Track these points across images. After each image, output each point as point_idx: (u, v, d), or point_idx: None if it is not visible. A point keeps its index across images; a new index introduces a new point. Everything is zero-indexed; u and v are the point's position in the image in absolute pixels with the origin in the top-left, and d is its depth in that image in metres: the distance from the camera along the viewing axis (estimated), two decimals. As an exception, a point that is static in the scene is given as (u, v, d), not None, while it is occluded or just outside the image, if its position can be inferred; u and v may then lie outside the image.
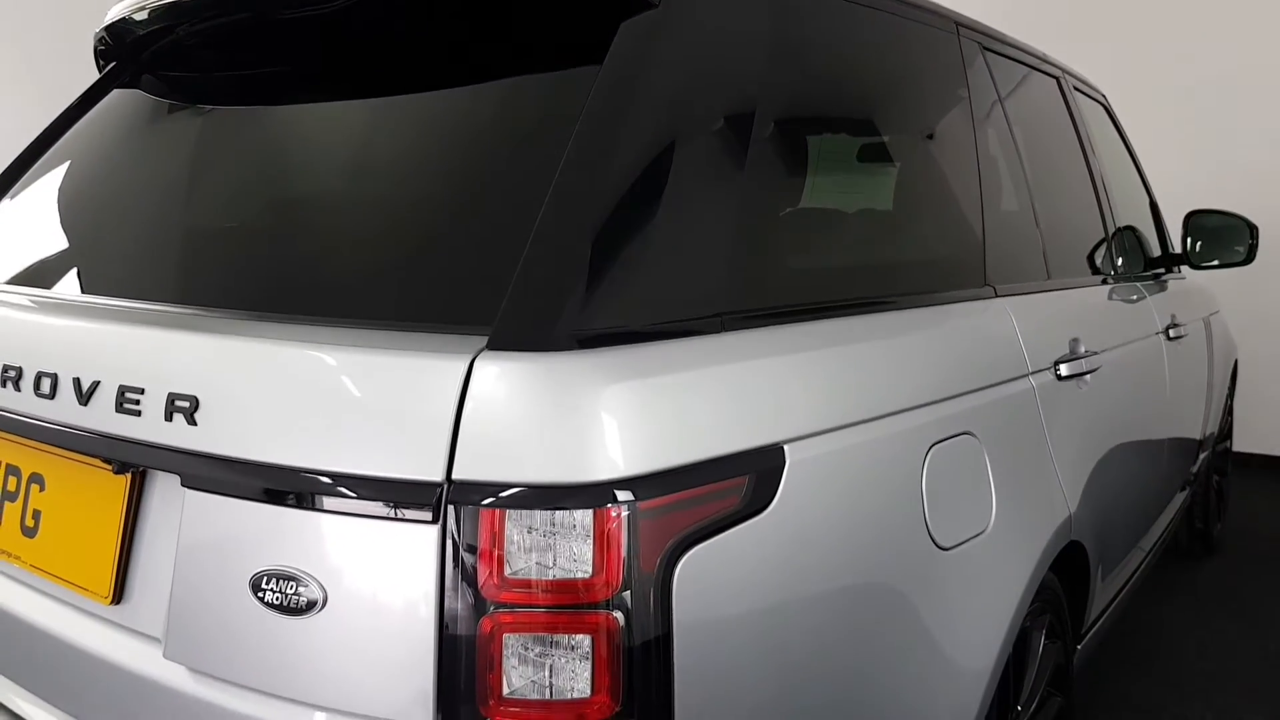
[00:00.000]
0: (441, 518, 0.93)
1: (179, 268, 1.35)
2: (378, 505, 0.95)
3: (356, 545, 0.96)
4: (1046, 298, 1.86)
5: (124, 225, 1.44)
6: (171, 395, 1.04)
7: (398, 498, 0.94)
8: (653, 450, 0.96)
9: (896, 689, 1.21)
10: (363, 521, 0.95)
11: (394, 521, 0.94)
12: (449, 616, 0.94)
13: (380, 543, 0.95)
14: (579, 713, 0.94)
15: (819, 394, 1.16)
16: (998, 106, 1.93)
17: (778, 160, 1.29)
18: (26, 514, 1.25)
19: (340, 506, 0.96)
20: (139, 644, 1.12)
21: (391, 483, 0.94)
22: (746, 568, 1.02)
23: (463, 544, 0.93)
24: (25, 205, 1.60)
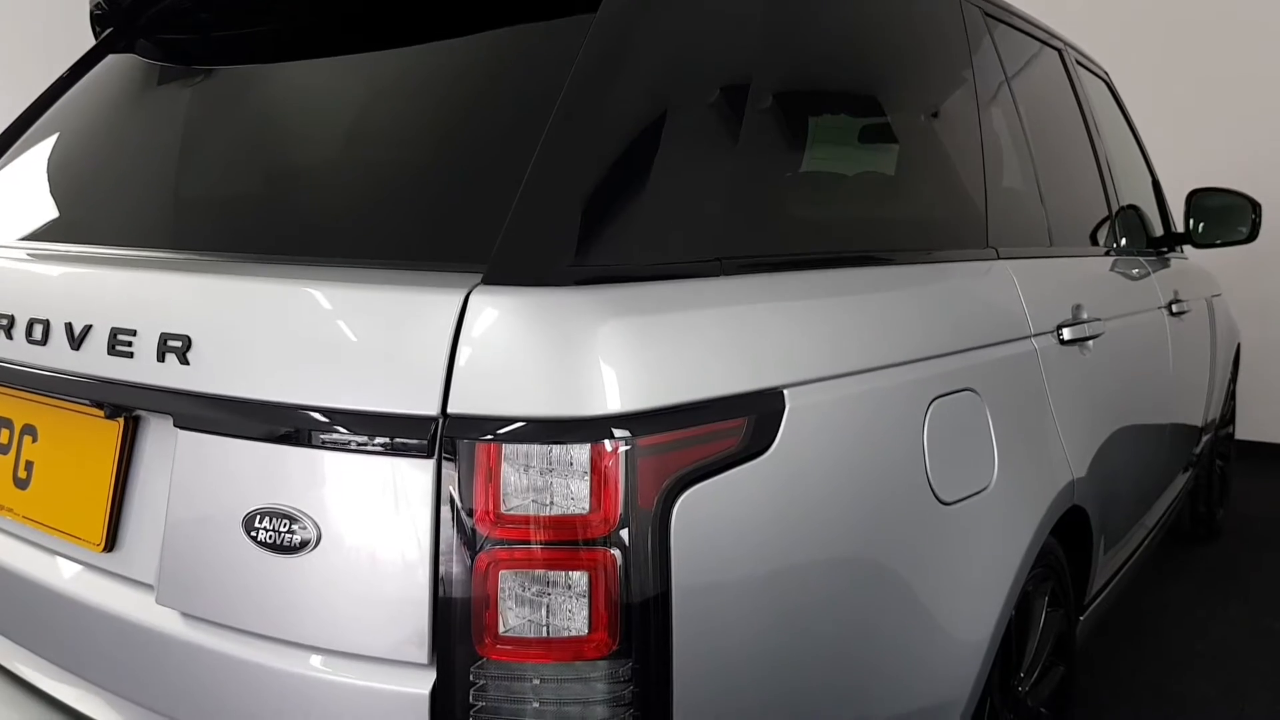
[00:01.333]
0: (437, 453, 0.92)
1: (171, 217, 1.34)
2: (372, 441, 0.93)
3: (351, 482, 0.94)
4: (1049, 263, 1.85)
5: (116, 181, 1.43)
6: (164, 335, 1.03)
7: (392, 433, 0.92)
8: (650, 387, 0.95)
9: (897, 640, 1.20)
10: (357, 458, 0.94)
11: (389, 457, 0.93)
12: (445, 554, 0.93)
13: (375, 479, 0.94)
14: (576, 650, 0.93)
15: (819, 341, 1.15)
16: (1000, 74, 1.92)
17: (779, 112, 1.28)
18: (19, 466, 1.24)
19: (334, 443, 0.95)
20: (131, 591, 1.11)
21: (386, 418, 0.93)
22: (746, 509, 1.01)
23: (458, 479, 0.92)
24: (20, 167, 1.59)
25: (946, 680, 1.28)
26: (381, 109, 1.29)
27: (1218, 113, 4.86)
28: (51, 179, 1.52)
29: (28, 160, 1.58)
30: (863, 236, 1.40)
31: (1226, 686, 2.54)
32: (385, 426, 0.93)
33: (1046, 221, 1.96)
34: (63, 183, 1.51)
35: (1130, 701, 2.46)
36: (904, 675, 1.21)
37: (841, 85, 1.49)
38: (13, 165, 1.60)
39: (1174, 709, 2.43)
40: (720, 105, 1.16)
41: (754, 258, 1.15)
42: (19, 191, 1.54)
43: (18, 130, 1.69)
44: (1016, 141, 1.93)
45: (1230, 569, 3.43)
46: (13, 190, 1.55)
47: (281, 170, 1.31)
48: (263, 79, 1.45)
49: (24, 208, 1.50)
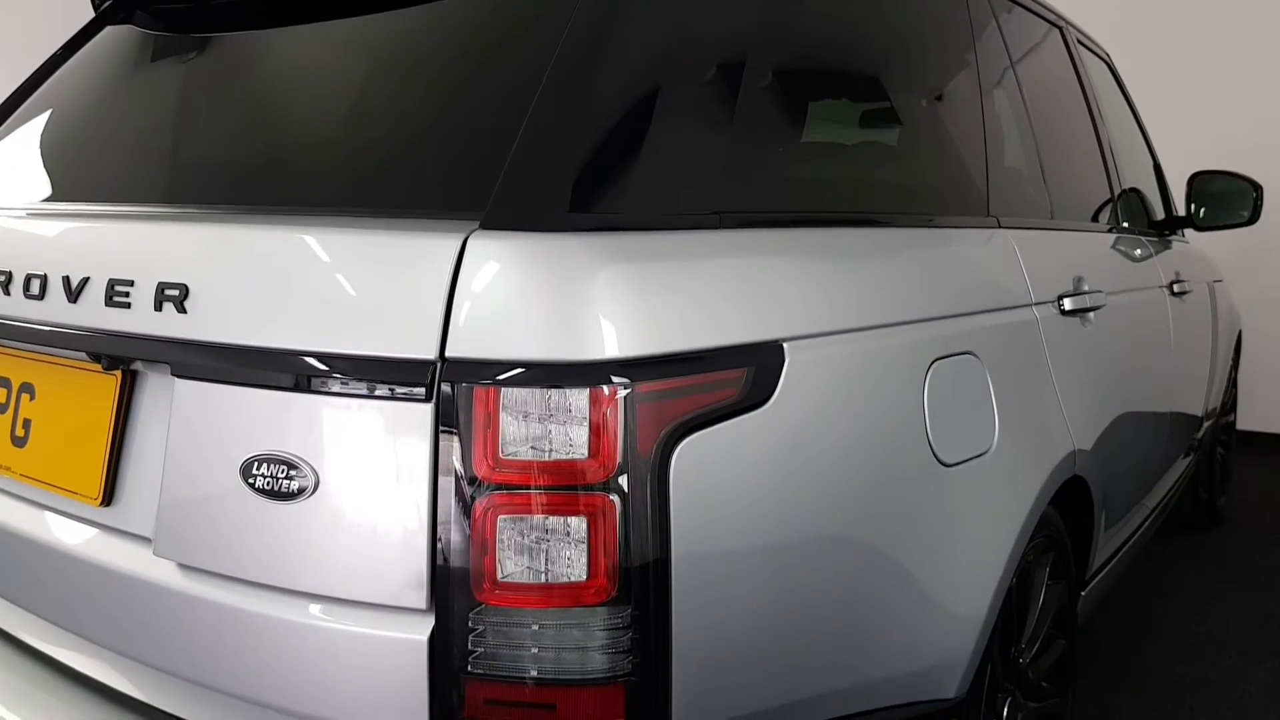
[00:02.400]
0: (435, 396, 0.91)
1: (168, 175, 1.33)
2: (370, 385, 0.93)
3: (349, 428, 0.94)
4: (1050, 235, 1.85)
5: (114, 144, 1.43)
6: (161, 285, 1.03)
7: (390, 377, 0.92)
8: (649, 334, 0.95)
9: (898, 598, 1.19)
10: (355, 402, 0.94)
11: (387, 401, 0.93)
12: (443, 499, 0.92)
13: (373, 424, 0.93)
14: (575, 596, 0.92)
15: (818, 296, 1.15)
16: (1001, 50, 1.91)
17: (783, 72, 1.27)
18: (16, 424, 1.24)
19: (332, 388, 0.94)
20: (129, 545, 1.10)
21: (384, 362, 0.92)
22: (745, 460, 1.01)
23: (457, 424, 0.91)
24: (19, 134, 1.58)
25: (946, 642, 1.27)
26: (377, 62, 1.28)
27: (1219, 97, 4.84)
28: (51, 144, 1.52)
29: (27, 127, 1.58)
30: (862, 199, 1.39)
31: (1226, 669, 2.54)
32: (383, 371, 0.92)
33: (1048, 196, 1.96)
34: (62, 147, 1.51)
35: (1131, 682, 2.45)
36: (904, 633, 1.20)
37: (845, 52, 1.48)
38: (13, 132, 1.59)
39: (1174, 690, 2.43)
40: (722, 61, 1.15)
41: (753, 213, 1.15)
42: (19, 156, 1.54)
43: (18, 99, 1.69)
44: (1018, 116, 1.92)
45: (1231, 555, 3.43)
46: (13, 155, 1.55)
47: (277, 127, 1.30)
48: (257, 40, 1.44)
49: (24, 171, 1.49)
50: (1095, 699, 2.36)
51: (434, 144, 1.11)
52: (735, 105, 1.15)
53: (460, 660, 0.92)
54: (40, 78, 1.71)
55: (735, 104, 1.15)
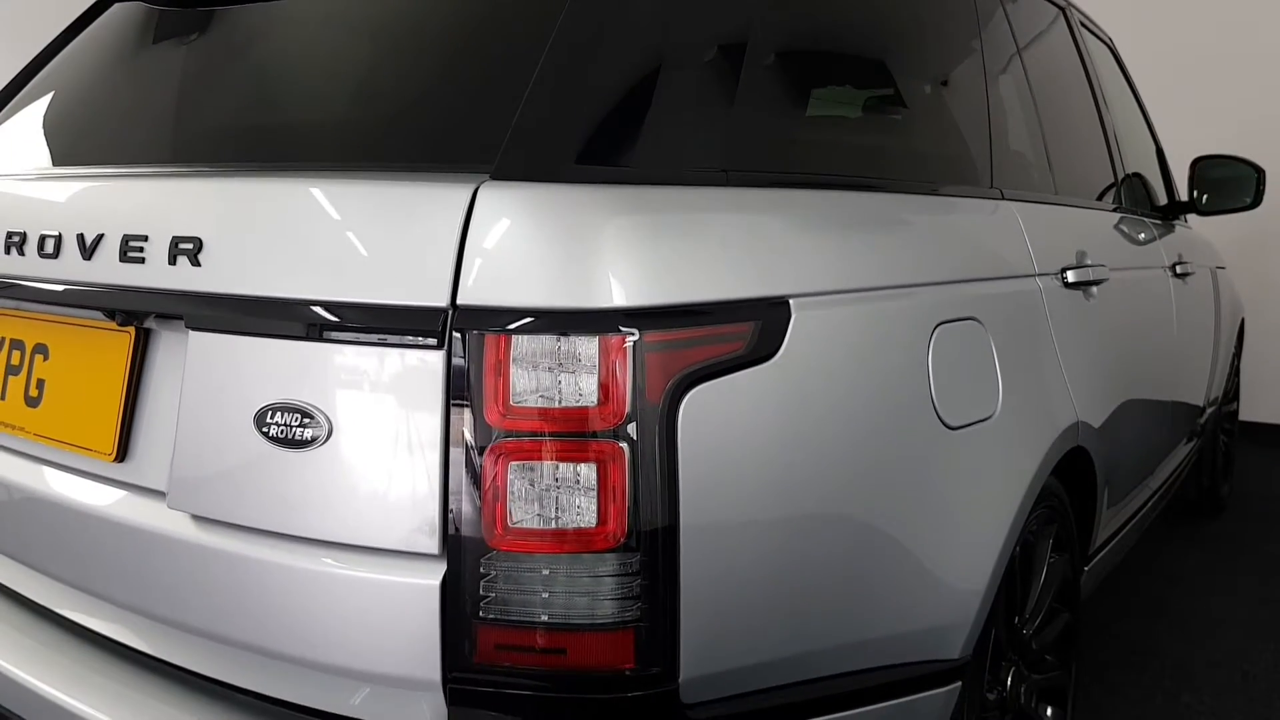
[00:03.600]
0: (446, 344, 0.92)
1: (181, 136, 1.34)
2: (382, 333, 0.94)
3: (361, 376, 0.95)
4: (1053, 210, 1.86)
5: (125, 111, 1.44)
6: (175, 239, 1.04)
7: (402, 325, 0.93)
8: (657, 285, 0.96)
9: (901, 557, 1.20)
10: (367, 350, 0.95)
11: (399, 349, 0.94)
12: (454, 445, 0.93)
13: (385, 372, 0.95)
14: (585, 542, 0.93)
15: (825, 255, 1.16)
16: (1005, 26, 1.92)
17: (789, 37, 1.29)
18: (30, 385, 1.25)
19: (345, 336, 0.96)
20: (143, 500, 1.12)
21: (396, 310, 0.94)
22: (752, 412, 1.02)
23: (468, 371, 0.92)
24: (33, 104, 1.60)
25: (950, 602, 1.28)
26: (386, 19, 1.29)
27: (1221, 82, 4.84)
28: (63, 114, 1.53)
29: (40, 99, 1.59)
30: (864, 164, 1.40)
31: (1231, 651, 2.55)
32: (395, 319, 0.94)
33: (1051, 175, 1.97)
34: (74, 116, 1.52)
35: (1135, 661, 2.46)
36: (908, 592, 1.21)
37: (853, 23, 1.49)
38: (26, 104, 1.61)
39: (1179, 669, 2.43)
40: (732, 23, 1.16)
41: (759, 173, 1.16)
42: (32, 126, 1.55)
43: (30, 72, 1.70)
44: (1021, 94, 1.93)
45: (1235, 541, 3.44)
46: (26, 125, 1.56)
47: (286, 88, 1.32)
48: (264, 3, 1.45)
49: (37, 139, 1.51)
50: (1099, 677, 2.37)
51: (443, 100, 1.12)
52: (743, 67, 1.16)
53: (471, 605, 0.94)
54: (51, 53, 1.73)
55: (743, 66, 1.16)
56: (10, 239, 1.21)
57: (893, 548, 1.19)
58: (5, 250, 1.21)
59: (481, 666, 0.94)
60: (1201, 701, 2.28)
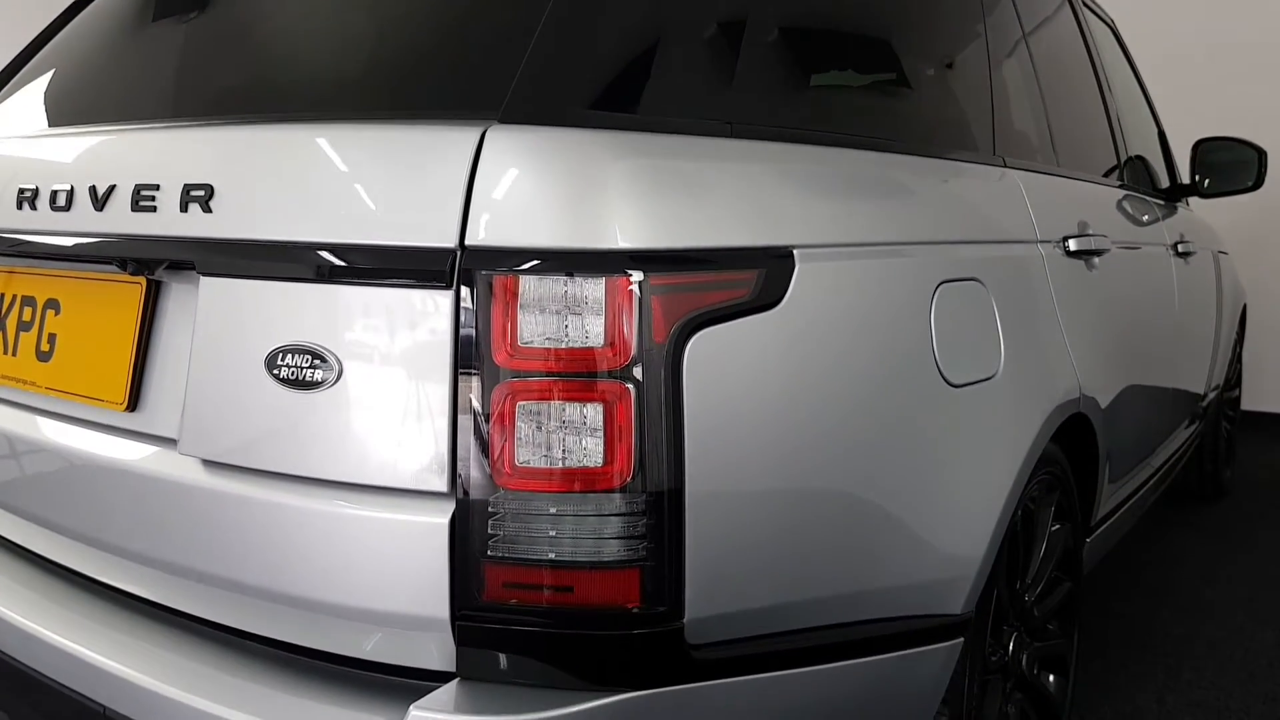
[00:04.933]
0: (455, 284, 0.94)
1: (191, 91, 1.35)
2: (391, 274, 0.95)
3: (370, 316, 0.96)
4: (1056, 180, 1.87)
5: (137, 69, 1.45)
6: (187, 186, 1.05)
7: (411, 266, 0.95)
8: (663, 228, 0.97)
9: (904, 509, 1.21)
10: (377, 291, 0.96)
11: (407, 290, 0.95)
12: (463, 385, 0.95)
13: (394, 312, 0.96)
14: (591, 481, 0.95)
15: (828, 209, 1.17)
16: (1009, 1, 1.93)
17: None
18: (42, 339, 1.26)
19: (354, 278, 0.97)
20: (154, 448, 1.13)
21: (405, 251, 0.95)
22: (756, 358, 1.03)
23: (476, 312, 0.94)
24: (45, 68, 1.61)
25: (952, 558, 1.29)
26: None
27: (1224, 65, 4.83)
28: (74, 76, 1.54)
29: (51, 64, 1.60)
30: (868, 124, 1.41)
31: (1232, 630, 2.55)
32: (404, 260, 0.95)
33: (1053, 149, 1.98)
34: (85, 78, 1.53)
35: (1138, 639, 2.47)
36: (909, 545, 1.22)
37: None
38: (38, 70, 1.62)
39: (1181, 646, 2.44)
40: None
41: (763, 127, 1.17)
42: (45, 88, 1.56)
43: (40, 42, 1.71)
44: (1023, 67, 1.94)
45: (1238, 525, 3.44)
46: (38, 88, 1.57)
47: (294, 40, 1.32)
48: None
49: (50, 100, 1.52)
50: (1101, 653, 2.38)
51: (451, 46, 1.13)
52: (748, 23, 1.17)
53: (480, 544, 0.95)
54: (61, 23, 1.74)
55: (748, 22, 1.17)
56: (22, 194, 1.22)
57: (895, 499, 1.20)
58: (17, 205, 1.23)
59: (489, 605, 0.95)
60: (1203, 678, 2.29)
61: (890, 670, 1.21)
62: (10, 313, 1.32)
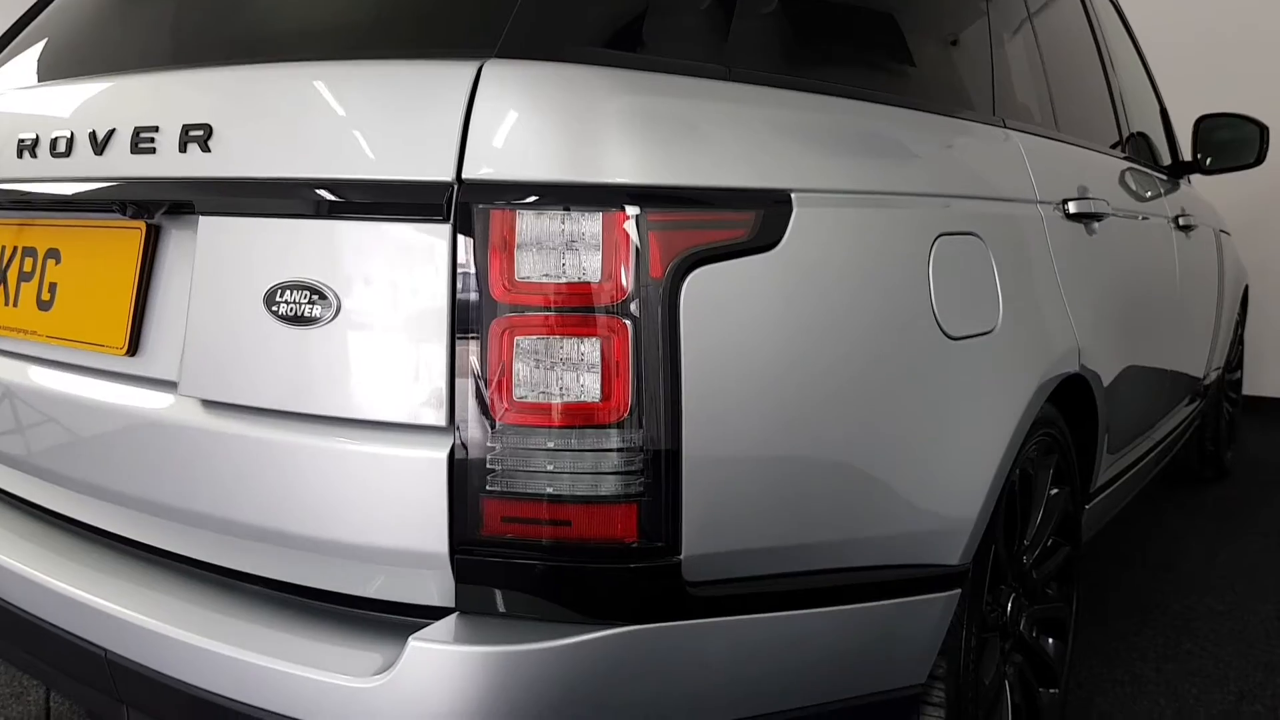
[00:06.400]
0: (452, 217, 0.94)
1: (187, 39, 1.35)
2: (389, 209, 0.96)
3: (369, 251, 0.97)
4: (1056, 145, 1.87)
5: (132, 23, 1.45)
6: (185, 127, 1.06)
7: (408, 200, 0.95)
8: (661, 165, 0.97)
9: (900, 458, 1.21)
10: (375, 227, 0.97)
11: (405, 223, 0.95)
12: (460, 319, 0.95)
13: (392, 248, 0.96)
14: (588, 416, 0.95)
15: (827, 155, 1.17)
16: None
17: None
18: (42, 289, 1.27)
19: (352, 214, 0.97)
20: (155, 391, 1.14)
21: (402, 186, 0.95)
22: (754, 299, 1.03)
23: (474, 245, 0.94)
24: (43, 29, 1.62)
25: (948, 509, 1.29)
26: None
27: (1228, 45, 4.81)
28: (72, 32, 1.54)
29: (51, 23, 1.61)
30: (867, 76, 1.41)
31: (1233, 603, 2.56)
32: (401, 194, 0.95)
33: (1054, 117, 1.98)
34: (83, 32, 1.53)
35: (1136, 614, 2.47)
36: (905, 493, 1.22)
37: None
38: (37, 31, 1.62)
39: (1181, 619, 2.45)
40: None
41: (761, 73, 1.17)
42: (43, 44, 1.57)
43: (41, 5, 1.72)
44: (1025, 36, 1.94)
45: (1238, 505, 3.45)
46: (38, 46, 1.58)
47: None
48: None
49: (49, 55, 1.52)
50: (1101, 624, 2.39)
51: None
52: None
53: (478, 478, 0.95)
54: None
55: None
56: (22, 143, 1.23)
57: (892, 446, 1.20)
58: (18, 154, 1.23)
59: (488, 539, 0.96)
60: (1202, 649, 2.29)
61: (888, 618, 1.22)
62: (11, 264, 1.32)
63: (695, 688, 1.03)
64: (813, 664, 1.14)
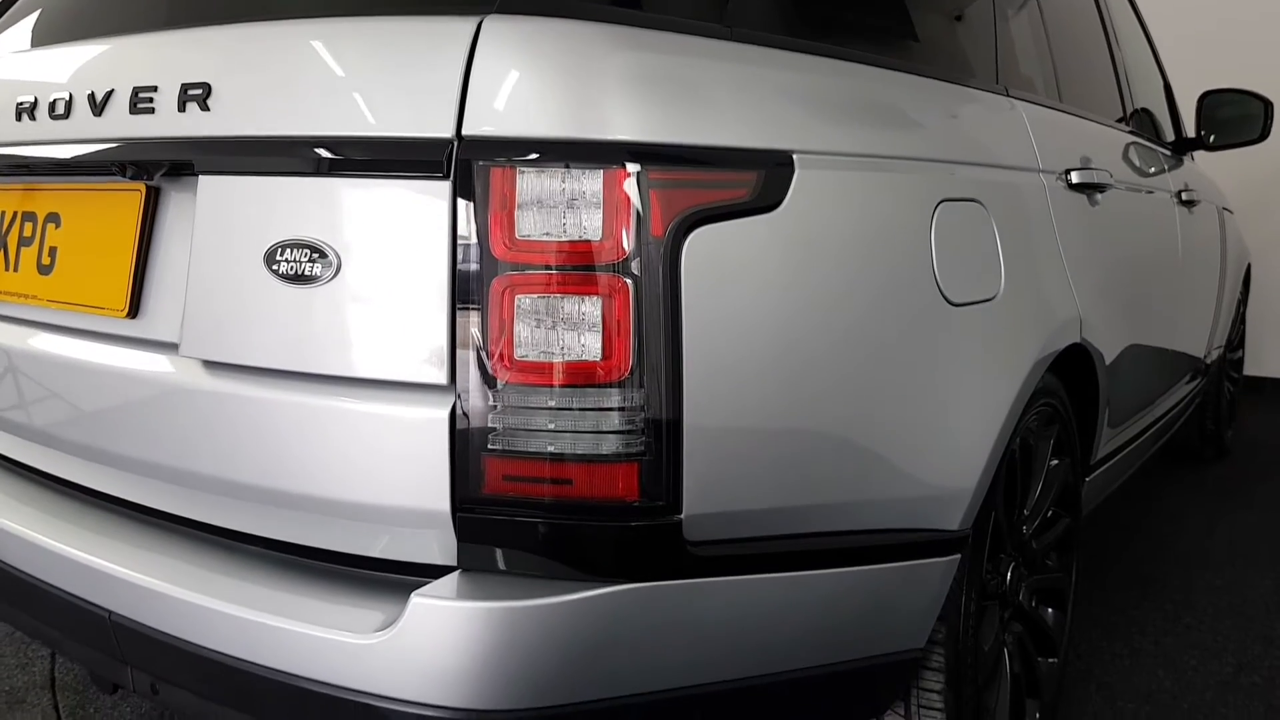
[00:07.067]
0: (452, 175, 0.93)
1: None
2: (389, 166, 0.95)
3: (369, 208, 0.97)
4: (1059, 115, 1.86)
5: None
6: (184, 86, 1.05)
7: (408, 157, 0.95)
8: (663, 122, 0.97)
9: (902, 421, 1.21)
10: (374, 184, 0.96)
11: (404, 180, 0.95)
12: (461, 277, 0.95)
13: (392, 205, 0.96)
14: (589, 374, 0.95)
15: (829, 117, 1.17)
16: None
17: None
18: (43, 253, 1.27)
19: (352, 171, 0.97)
20: (156, 353, 1.14)
21: (402, 143, 0.95)
22: (755, 260, 1.03)
23: (474, 202, 0.94)
24: None
25: (948, 474, 1.29)
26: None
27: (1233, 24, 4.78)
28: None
29: None
30: (868, 41, 1.40)
31: (1232, 577, 2.57)
32: (401, 151, 0.95)
33: (1058, 89, 1.97)
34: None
35: (1135, 588, 2.48)
36: (905, 457, 1.22)
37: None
38: None
39: (1181, 592, 2.46)
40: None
41: (762, 33, 1.16)
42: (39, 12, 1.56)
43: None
44: (1029, 7, 1.93)
45: (1238, 483, 3.45)
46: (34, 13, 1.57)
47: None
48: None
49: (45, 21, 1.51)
50: (1101, 599, 2.39)
51: None
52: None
53: (479, 437, 0.95)
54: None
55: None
56: (21, 106, 1.22)
57: (893, 411, 1.20)
58: (16, 117, 1.23)
59: (489, 498, 0.96)
60: (1201, 623, 2.30)
61: (888, 581, 1.22)
62: (11, 229, 1.32)
63: (694, 646, 1.04)
64: (813, 625, 1.15)
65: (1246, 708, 1.92)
